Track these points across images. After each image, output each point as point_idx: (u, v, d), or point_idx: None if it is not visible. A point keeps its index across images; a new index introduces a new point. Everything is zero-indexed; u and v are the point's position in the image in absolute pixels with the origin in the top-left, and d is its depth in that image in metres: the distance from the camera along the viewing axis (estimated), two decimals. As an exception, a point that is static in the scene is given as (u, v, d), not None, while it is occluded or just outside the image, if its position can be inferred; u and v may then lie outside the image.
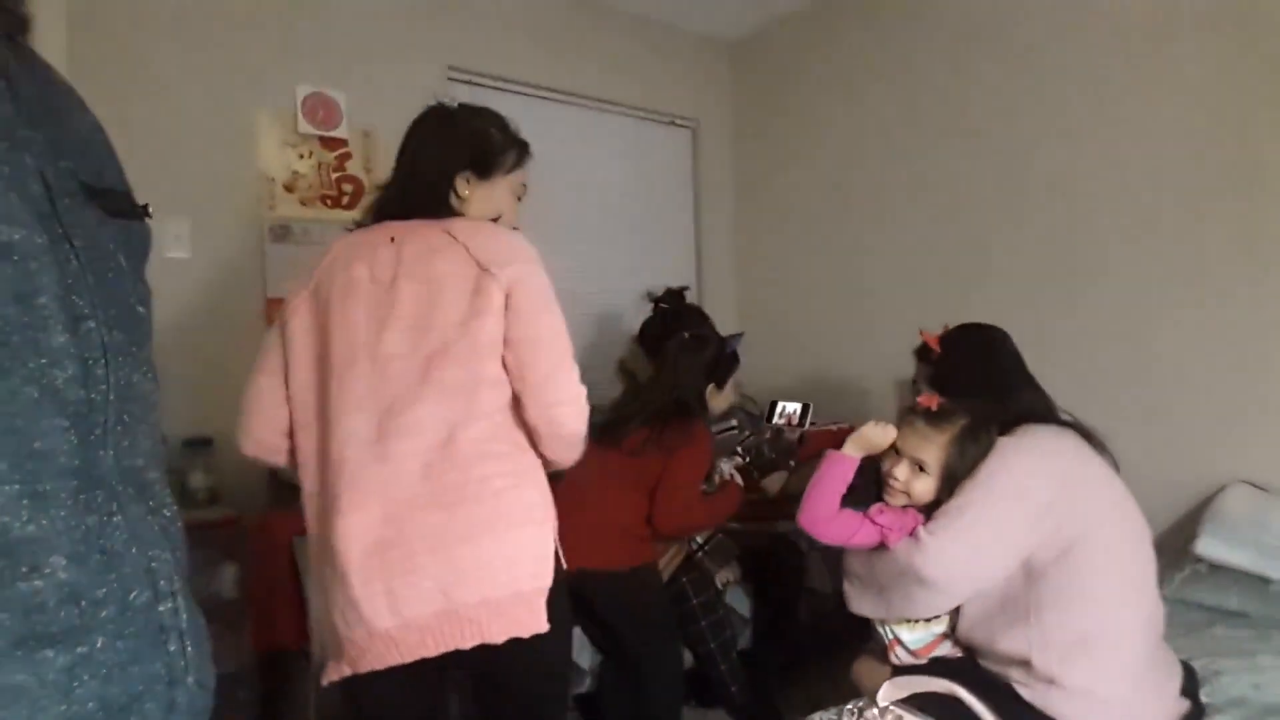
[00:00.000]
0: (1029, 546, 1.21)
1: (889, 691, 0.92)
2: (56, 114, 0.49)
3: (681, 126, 3.44)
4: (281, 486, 2.10)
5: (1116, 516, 1.26)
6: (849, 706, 0.93)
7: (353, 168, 2.54)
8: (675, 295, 2.38)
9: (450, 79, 2.79)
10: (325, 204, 2.49)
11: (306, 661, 1.65)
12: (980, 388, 1.36)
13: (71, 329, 0.41)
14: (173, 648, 0.45)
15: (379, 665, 1.06)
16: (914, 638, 1.31)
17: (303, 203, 2.46)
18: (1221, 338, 2.05)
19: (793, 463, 2.15)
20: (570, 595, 1.20)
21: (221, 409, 2.20)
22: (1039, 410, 1.34)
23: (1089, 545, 1.20)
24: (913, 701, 0.94)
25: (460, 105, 1.35)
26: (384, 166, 2.55)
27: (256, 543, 1.95)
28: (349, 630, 1.06)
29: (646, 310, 2.51)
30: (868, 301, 2.95)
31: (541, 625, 1.08)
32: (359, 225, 1.28)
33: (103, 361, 0.43)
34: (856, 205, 2.98)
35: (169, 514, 0.47)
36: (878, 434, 1.31)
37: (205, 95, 2.31)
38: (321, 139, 2.49)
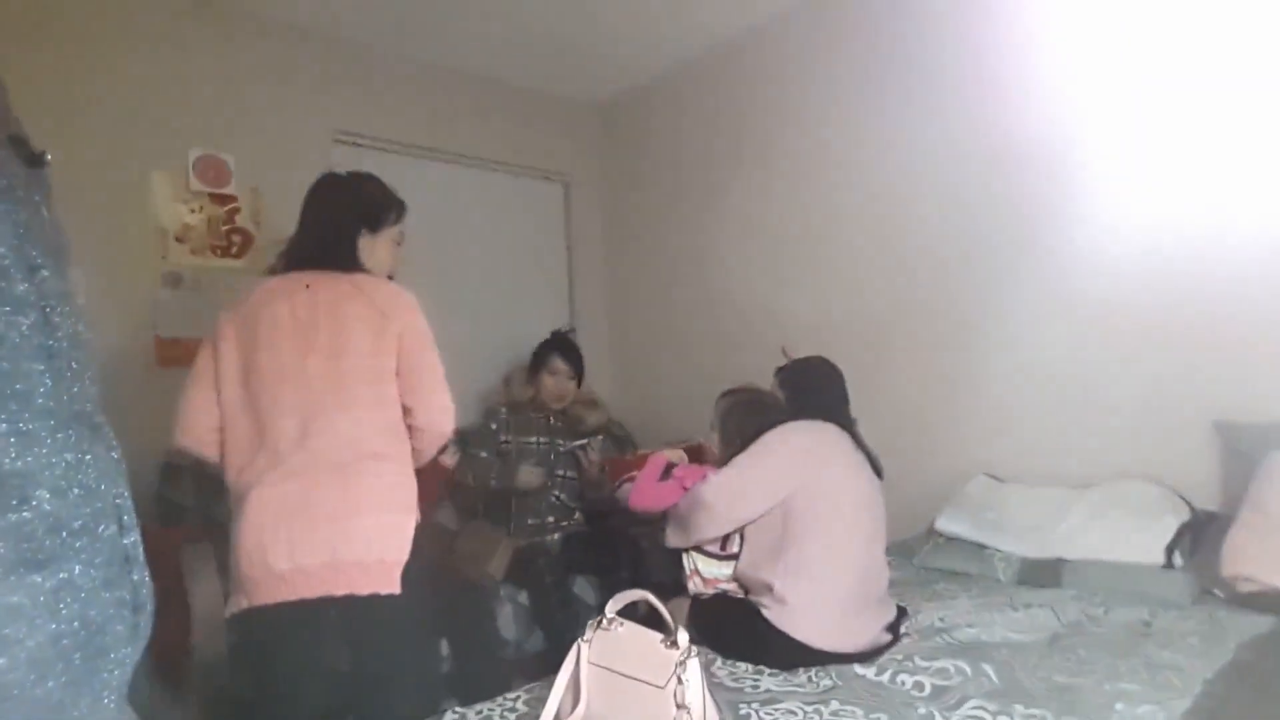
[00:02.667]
0: (778, 493, 1.68)
1: (612, 605, 1.27)
2: None
3: (554, 181, 3.85)
4: (166, 504, 2.34)
5: (842, 488, 1.71)
6: (591, 621, 1.29)
7: (241, 220, 2.83)
8: (554, 333, 2.85)
9: (337, 140, 3.12)
10: (215, 253, 2.76)
11: (189, 656, 1.88)
12: (798, 391, 1.88)
13: (29, 279, 0.43)
14: (135, 577, 0.47)
15: (271, 600, 1.40)
16: (708, 570, 1.82)
17: (193, 252, 2.72)
18: (973, 363, 2.57)
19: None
20: None
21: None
22: (819, 413, 1.80)
23: (819, 504, 1.67)
24: (630, 612, 1.31)
25: (349, 173, 1.72)
26: (272, 220, 2.87)
27: (146, 554, 2.17)
28: (252, 570, 1.40)
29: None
30: (722, 337, 3.38)
31: (395, 588, 1.45)
32: (273, 272, 1.60)
33: (59, 310, 0.45)
34: (712, 252, 3.42)
35: (117, 454, 0.50)
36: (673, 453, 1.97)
37: (104, 155, 2.56)
38: (212, 195, 2.77)
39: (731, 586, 1.79)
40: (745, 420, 1.90)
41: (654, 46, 3.35)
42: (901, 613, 1.77)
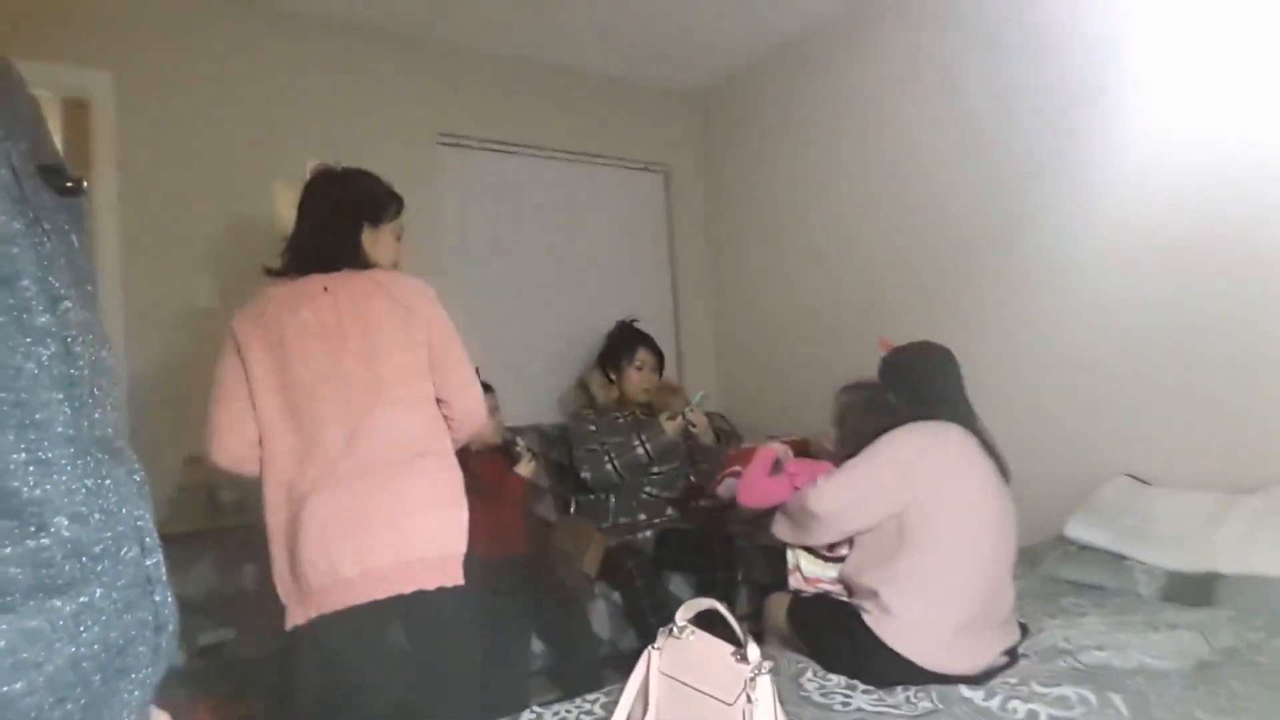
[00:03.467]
0: (891, 505, 1.55)
1: (683, 612, 1.21)
2: (4, 93, 0.49)
3: (654, 172, 3.81)
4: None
5: (963, 500, 1.56)
6: (662, 628, 1.23)
7: (354, 225, 2.96)
8: (624, 325, 2.73)
9: (440, 143, 3.21)
10: (331, 257, 2.91)
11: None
12: (908, 386, 1.72)
13: (51, 310, 0.44)
14: (158, 598, 0.48)
15: (341, 606, 1.41)
16: (811, 568, 1.73)
17: (312, 256, 2.87)
18: (1118, 353, 2.30)
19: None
20: None
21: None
22: (938, 411, 1.65)
23: (937, 517, 1.53)
24: (702, 620, 1.24)
25: (342, 170, 1.69)
26: (381, 223, 2.99)
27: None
28: (318, 579, 1.40)
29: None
30: (829, 328, 3.23)
31: (460, 579, 1.47)
32: (273, 275, 1.58)
33: (80, 340, 0.46)
34: (817, 240, 3.28)
35: (140, 477, 0.50)
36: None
37: (226, 169, 2.76)
38: (327, 202, 2.91)
39: (835, 588, 1.69)
40: (864, 419, 1.78)
41: (752, 30, 3.23)
42: (1021, 631, 1.61)
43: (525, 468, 2.26)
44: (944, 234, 2.75)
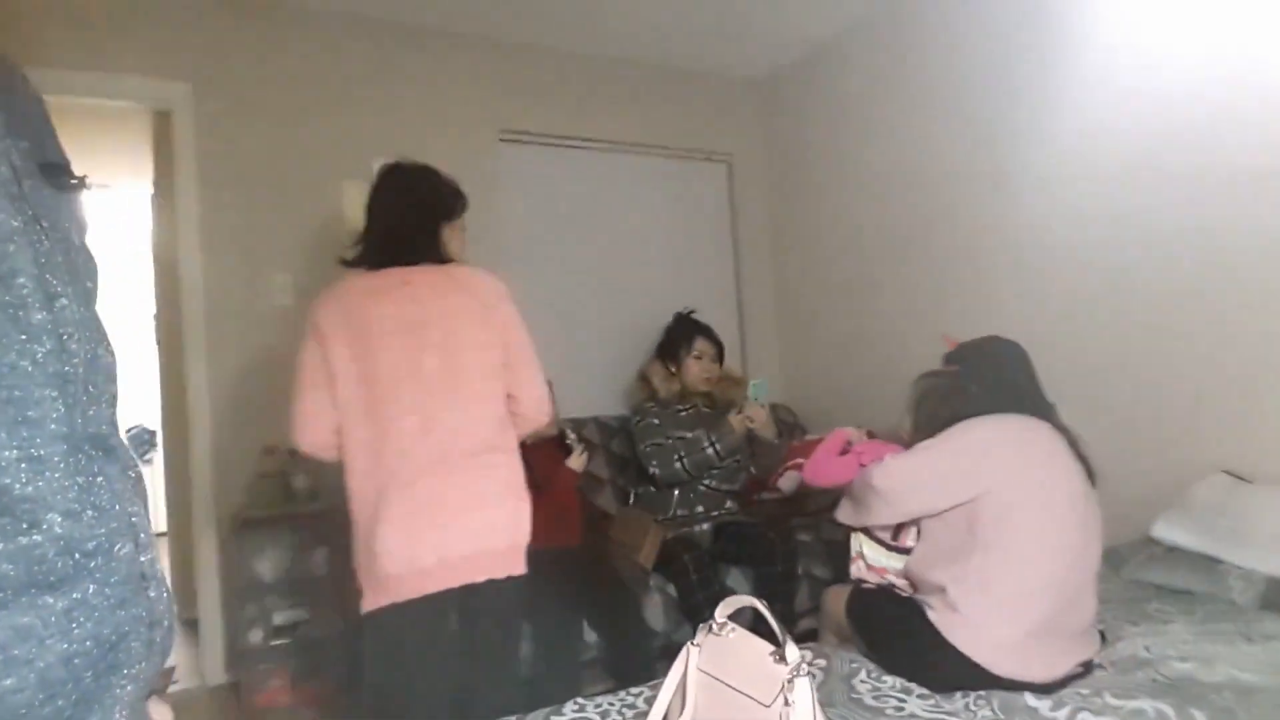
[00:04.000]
0: (958, 493, 1.47)
1: (723, 609, 1.18)
2: (7, 92, 0.50)
3: (717, 162, 3.75)
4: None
5: (1042, 499, 1.45)
6: (702, 625, 1.21)
7: (419, 221, 3.03)
8: (681, 316, 2.70)
9: (501, 140, 3.25)
10: (397, 253, 2.99)
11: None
12: (984, 380, 1.62)
13: (48, 307, 0.44)
14: (152, 594, 0.48)
15: (417, 594, 1.44)
16: (875, 557, 1.66)
17: (379, 253, 2.96)
18: (1213, 340, 2.13)
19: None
20: None
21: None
22: (1019, 405, 1.56)
23: (1013, 514, 1.43)
24: (740, 617, 1.20)
25: (413, 165, 1.68)
26: (444, 219, 3.05)
27: (345, 530, 2.41)
28: (395, 567, 1.43)
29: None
30: (896, 320, 3.12)
31: (524, 569, 1.55)
32: (351, 264, 1.61)
33: (75, 337, 0.46)
34: (883, 230, 3.16)
35: (135, 473, 0.50)
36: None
37: (302, 173, 2.87)
38: (393, 199, 2.99)
39: (901, 582, 1.62)
40: (941, 405, 1.69)
41: (816, 14, 3.14)
42: (1100, 640, 1.50)
43: (576, 461, 2.26)
44: (1021, 224, 2.61)
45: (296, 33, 2.89)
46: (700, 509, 2.51)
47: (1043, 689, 1.34)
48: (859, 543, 1.68)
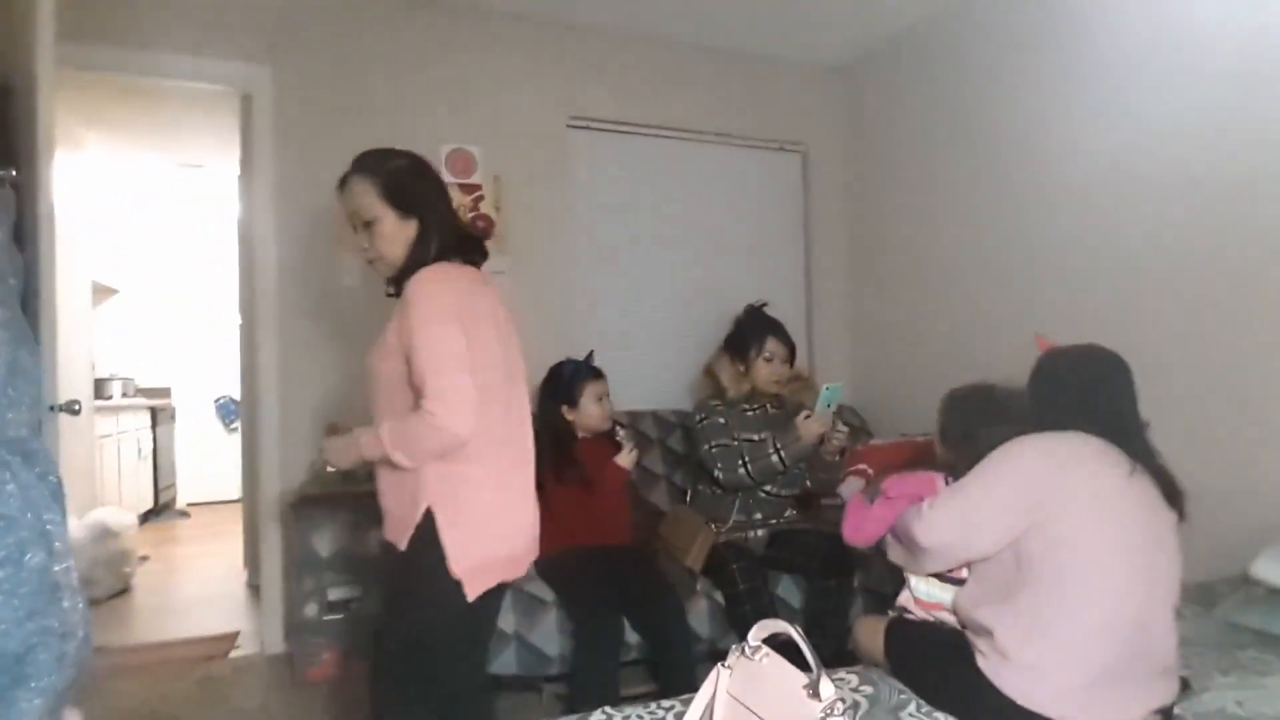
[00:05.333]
0: (1011, 531, 1.33)
1: (757, 632, 1.11)
2: None
3: (791, 152, 3.62)
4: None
5: (1100, 526, 1.30)
6: (734, 646, 1.14)
7: (485, 207, 3.04)
8: (753, 309, 2.59)
9: (570, 126, 3.22)
10: (463, 238, 3.00)
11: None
12: (1053, 390, 1.46)
13: None
14: (66, 604, 0.46)
15: (509, 578, 1.52)
16: (925, 591, 1.50)
17: (445, 238, 2.98)
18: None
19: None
20: None
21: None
22: (1078, 420, 1.39)
23: (1065, 547, 1.29)
24: (775, 642, 1.13)
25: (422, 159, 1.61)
26: (511, 206, 3.05)
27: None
28: (501, 550, 1.47)
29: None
30: (977, 317, 2.94)
31: None
32: (420, 261, 1.51)
33: None
34: (965, 223, 2.99)
35: (55, 479, 0.48)
36: None
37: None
38: (461, 185, 3.01)
39: (952, 618, 1.47)
40: (971, 421, 1.58)
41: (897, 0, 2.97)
42: (1181, 686, 1.35)
43: (626, 458, 2.22)
44: (1115, 226, 2.40)
45: (369, 15, 2.93)
46: (759, 515, 2.42)
47: (1110, 740, 1.22)
48: (910, 576, 1.54)
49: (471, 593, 1.42)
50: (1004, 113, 2.78)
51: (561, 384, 2.34)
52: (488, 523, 1.45)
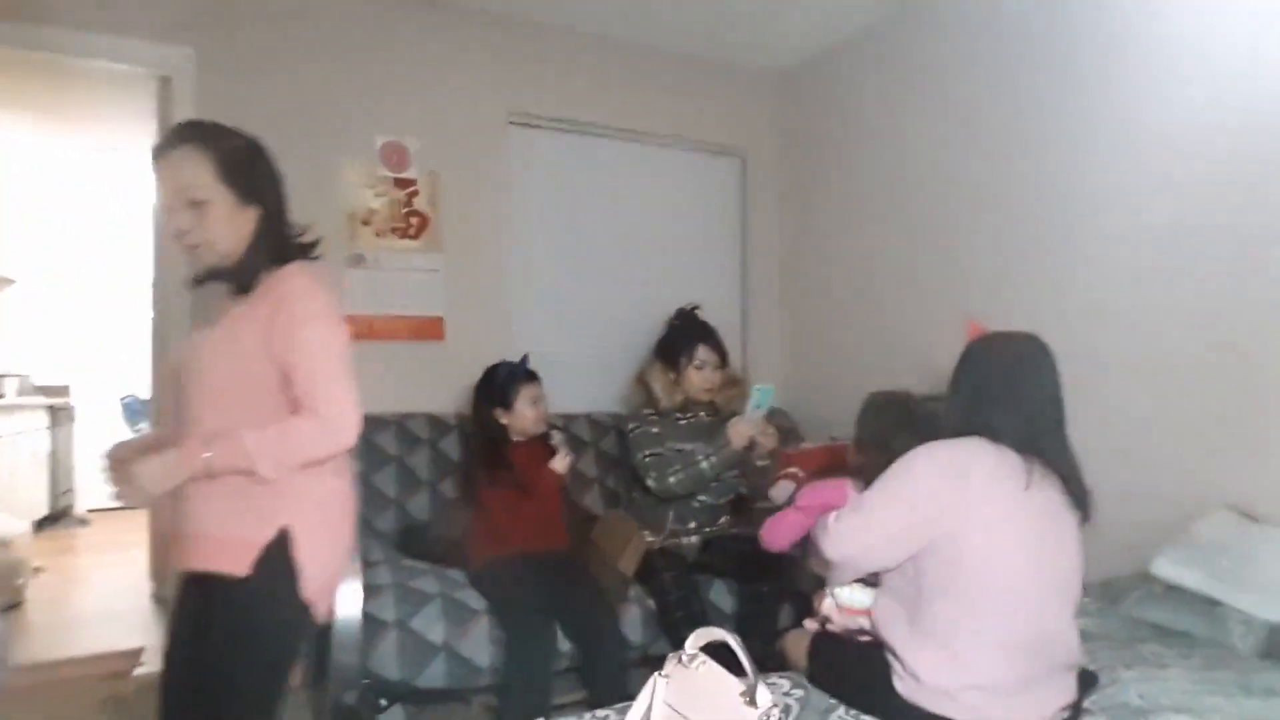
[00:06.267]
0: (910, 545, 1.34)
1: (694, 640, 1.12)
2: None
3: (730, 156, 3.66)
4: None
5: (1001, 537, 1.31)
6: (671, 655, 1.14)
7: (419, 203, 2.96)
8: (685, 313, 2.60)
9: (510, 123, 3.17)
10: (396, 234, 2.92)
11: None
12: (970, 386, 1.43)
13: None
14: None
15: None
16: (850, 597, 1.51)
17: (377, 234, 2.90)
18: (1230, 369, 2.05)
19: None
20: None
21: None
22: (1002, 422, 1.37)
23: (965, 563, 1.30)
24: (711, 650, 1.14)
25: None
26: (447, 203, 2.98)
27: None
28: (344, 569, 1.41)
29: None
30: (907, 323, 3.04)
31: None
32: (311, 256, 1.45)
33: None
34: (901, 231, 3.07)
35: None
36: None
37: (300, 148, 2.75)
38: (394, 180, 2.93)
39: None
40: (885, 429, 1.62)
41: (840, 8, 3.05)
42: (1088, 680, 1.42)
43: (561, 463, 2.20)
44: (1038, 229, 2.52)
45: (302, 2, 2.82)
46: (694, 523, 2.42)
47: (1027, 737, 1.27)
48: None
49: (319, 615, 1.33)
50: (937, 122, 2.89)
51: (496, 387, 2.30)
52: (340, 538, 1.36)
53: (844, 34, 3.26)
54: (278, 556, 1.24)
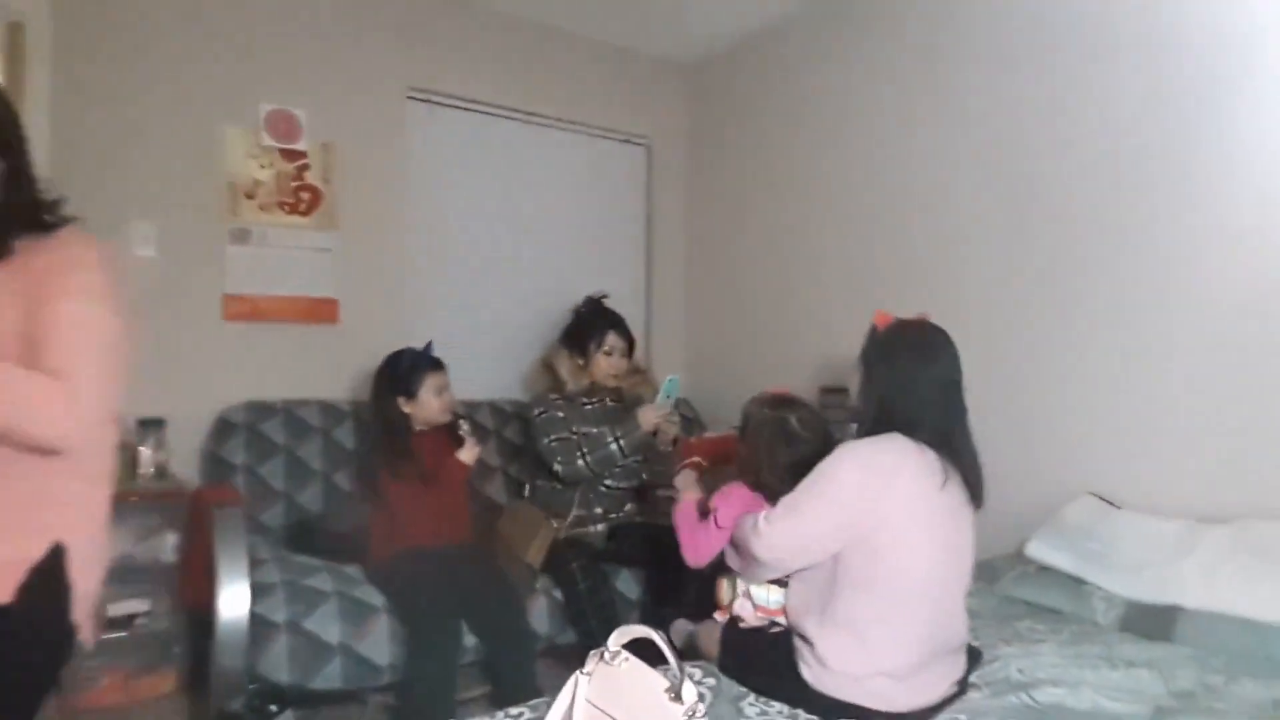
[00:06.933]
0: (838, 542, 1.39)
1: (616, 637, 1.11)
2: None
3: (636, 144, 3.65)
4: (214, 461, 2.34)
5: (911, 534, 1.36)
6: (593, 652, 1.13)
7: (311, 177, 2.78)
8: (593, 301, 2.58)
9: (410, 97, 3.03)
10: (283, 210, 2.74)
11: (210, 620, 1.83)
12: (878, 381, 1.45)
13: None
14: None
15: None
16: (763, 596, 1.56)
17: (262, 209, 2.70)
18: (1092, 363, 2.23)
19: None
20: None
21: (175, 391, 2.47)
22: (917, 416, 1.40)
23: (881, 556, 1.35)
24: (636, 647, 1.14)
25: None
26: (342, 178, 2.82)
27: (191, 513, 2.18)
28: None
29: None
30: (809, 314, 3.12)
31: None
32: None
33: None
34: (800, 224, 3.16)
35: None
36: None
37: (176, 111, 2.56)
38: (282, 151, 2.73)
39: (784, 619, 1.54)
40: (760, 439, 1.65)
41: (749, 3, 3.08)
42: (974, 657, 1.52)
43: (468, 454, 2.14)
44: (933, 223, 2.65)
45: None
46: (600, 510, 2.42)
47: (921, 716, 1.34)
48: (742, 584, 1.60)
49: (85, 638, 1.13)
50: (840, 116, 2.97)
51: (399, 375, 2.20)
52: (105, 554, 1.20)
53: (751, 29, 3.30)
54: (48, 578, 1.06)
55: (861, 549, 1.36)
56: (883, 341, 1.49)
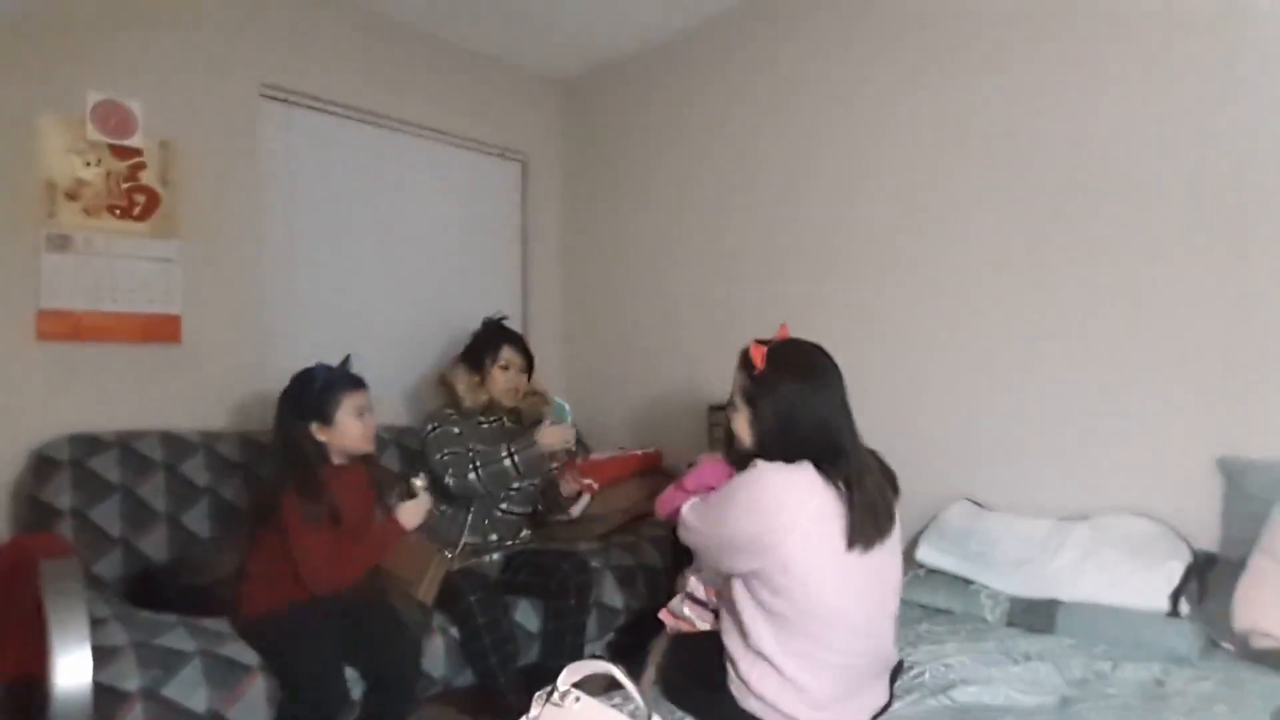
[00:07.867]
0: (746, 563, 1.33)
1: (566, 676, 1.02)
2: None
3: (511, 159, 3.55)
4: (36, 506, 1.98)
5: (818, 565, 1.29)
6: (539, 694, 1.03)
7: (147, 178, 2.46)
8: (490, 323, 2.48)
9: (264, 95, 2.76)
10: (113, 214, 2.39)
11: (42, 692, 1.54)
12: (767, 406, 1.40)
13: None
14: None
15: None
16: (677, 604, 1.57)
17: (87, 212, 2.35)
18: (958, 373, 2.38)
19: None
20: None
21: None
22: (809, 450, 1.35)
23: (797, 585, 1.29)
24: (590, 684, 1.06)
25: None
26: (185, 179, 2.51)
27: (7, 568, 1.82)
28: None
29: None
30: (683, 334, 3.15)
31: None
32: None
33: None
34: (676, 243, 3.18)
35: None
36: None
37: (-23, 93, 2.17)
38: (113, 147, 2.39)
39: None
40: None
41: (625, 21, 3.09)
42: (897, 669, 1.53)
43: (415, 513, 1.90)
44: (805, 239, 2.75)
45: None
46: (494, 537, 2.28)
47: (852, 726, 1.34)
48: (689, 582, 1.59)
49: None
50: (720, 133, 3.03)
51: (311, 396, 1.88)
52: None
53: (628, 48, 3.32)
54: None
55: (769, 583, 1.30)
56: (765, 377, 1.41)
